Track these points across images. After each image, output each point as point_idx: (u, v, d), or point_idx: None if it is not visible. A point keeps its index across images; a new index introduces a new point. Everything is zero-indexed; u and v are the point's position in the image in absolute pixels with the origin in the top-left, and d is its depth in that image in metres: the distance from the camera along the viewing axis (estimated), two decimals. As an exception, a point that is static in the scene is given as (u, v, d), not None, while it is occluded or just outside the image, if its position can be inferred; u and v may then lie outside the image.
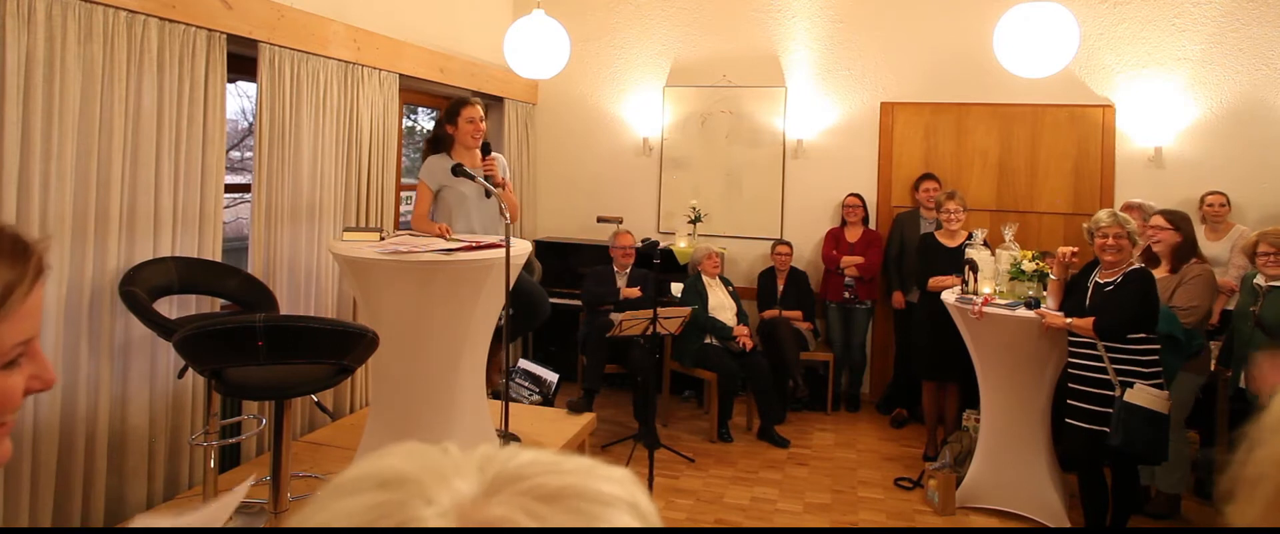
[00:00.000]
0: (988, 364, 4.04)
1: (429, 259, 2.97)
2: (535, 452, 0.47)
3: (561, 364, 5.57)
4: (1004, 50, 3.85)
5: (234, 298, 3.42)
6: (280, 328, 2.47)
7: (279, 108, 3.79)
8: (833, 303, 5.64)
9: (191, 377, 3.32)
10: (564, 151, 6.51)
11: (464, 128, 3.71)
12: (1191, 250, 3.93)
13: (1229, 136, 5.28)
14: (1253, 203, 5.16)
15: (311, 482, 3.53)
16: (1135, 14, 5.42)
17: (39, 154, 2.76)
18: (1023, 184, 5.69)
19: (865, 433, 5.30)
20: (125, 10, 3.00)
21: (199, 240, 3.41)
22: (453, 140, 3.76)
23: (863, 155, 5.95)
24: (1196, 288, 3.81)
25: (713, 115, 6.19)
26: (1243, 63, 5.26)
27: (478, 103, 3.78)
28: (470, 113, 3.71)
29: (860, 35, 5.90)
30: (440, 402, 3.19)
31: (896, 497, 4.30)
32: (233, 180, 4.18)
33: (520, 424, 4.23)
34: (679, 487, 4.31)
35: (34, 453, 2.79)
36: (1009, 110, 5.68)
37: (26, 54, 2.70)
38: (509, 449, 0.47)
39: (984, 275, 4.09)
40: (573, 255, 6.11)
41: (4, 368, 0.71)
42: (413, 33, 4.84)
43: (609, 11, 6.33)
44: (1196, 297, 3.80)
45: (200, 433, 3.25)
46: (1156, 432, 3.25)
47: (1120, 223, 3.41)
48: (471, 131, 3.69)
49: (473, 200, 3.72)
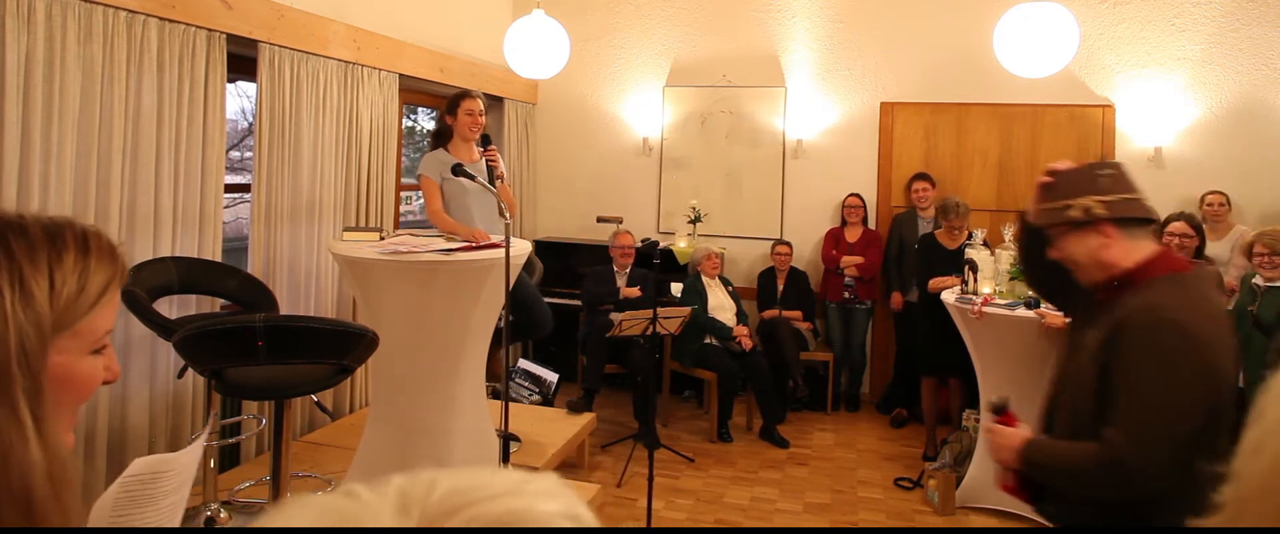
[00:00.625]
0: (987, 364, 4.04)
1: (429, 259, 2.97)
2: (451, 476, 0.44)
3: (561, 364, 5.57)
4: (1004, 50, 3.85)
5: (234, 298, 3.42)
6: (280, 328, 2.47)
7: (279, 108, 3.79)
8: (833, 303, 5.64)
9: (191, 377, 3.32)
10: (564, 151, 6.51)
11: (463, 120, 3.72)
12: (1200, 251, 3.99)
13: (1229, 136, 5.28)
14: (1253, 203, 5.16)
15: (311, 482, 3.53)
16: (1135, 14, 5.42)
17: (39, 154, 2.76)
18: (1023, 184, 5.68)
19: (865, 433, 5.30)
20: (125, 10, 3.00)
21: (199, 240, 3.41)
22: (452, 133, 3.78)
23: (863, 155, 5.95)
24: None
25: (713, 115, 6.19)
26: (1243, 63, 5.26)
27: (478, 96, 3.78)
28: (469, 105, 3.72)
29: (860, 35, 5.90)
30: (440, 402, 3.19)
31: (896, 497, 4.30)
32: (233, 180, 4.18)
33: (520, 424, 4.24)
34: (679, 487, 4.31)
35: (34, 453, 2.78)
36: (1009, 110, 5.68)
37: (26, 54, 2.70)
38: (423, 478, 0.44)
39: (984, 275, 4.09)
40: (573, 255, 6.11)
41: (92, 353, 0.82)
42: (413, 33, 4.84)
43: (609, 11, 6.33)
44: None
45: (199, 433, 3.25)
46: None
47: None
48: (470, 124, 3.70)
49: (473, 196, 3.74)
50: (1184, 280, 1.63)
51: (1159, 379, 1.53)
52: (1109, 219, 1.66)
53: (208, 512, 3.08)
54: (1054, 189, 1.78)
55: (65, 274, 0.78)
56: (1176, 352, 1.53)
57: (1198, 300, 1.60)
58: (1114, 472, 1.54)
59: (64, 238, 0.79)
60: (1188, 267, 1.69)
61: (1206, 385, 1.53)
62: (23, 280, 0.75)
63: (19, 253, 0.76)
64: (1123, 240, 1.66)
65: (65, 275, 0.78)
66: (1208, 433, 1.53)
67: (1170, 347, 1.53)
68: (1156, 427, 1.52)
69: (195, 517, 3.09)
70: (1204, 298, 1.63)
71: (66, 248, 0.79)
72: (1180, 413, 1.52)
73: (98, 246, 0.81)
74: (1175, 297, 1.59)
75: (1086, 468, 1.58)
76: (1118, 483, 1.56)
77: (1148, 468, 1.52)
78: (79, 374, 0.81)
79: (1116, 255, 1.67)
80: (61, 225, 0.80)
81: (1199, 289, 1.64)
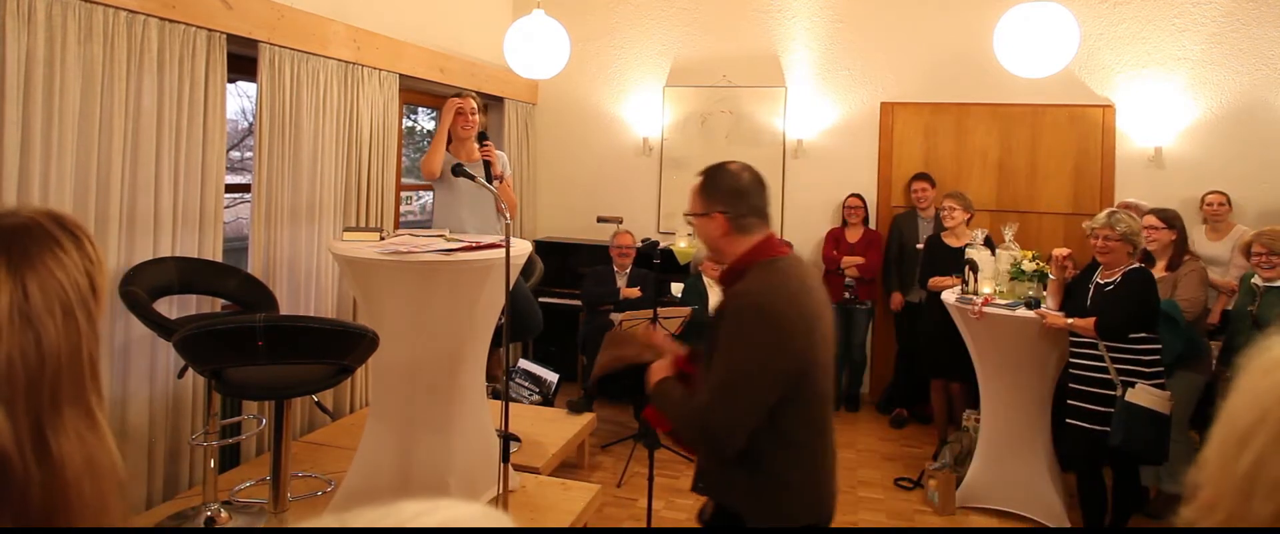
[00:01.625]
0: (988, 364, 4.04)
1: (429, 259, 2.97)
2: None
3: (561, 364, 5.56)
4: (1004, 50, 3.85)
5: (234, 298, 3.42)
6: (280, 328, 2.47)
7: (279, 108, 3.79)
8: (833, 303, 5.62)
9: (191, 377, 3.32)
10: (564, 151, 6.51)
11: (455, 119, 3.81)
12: (1185, 247, 4.00)
13: (1229, 136, 5.28)
14: (1253, 203, 5.16)
15: (311, 481, 3.53)
16: (1135, 14, 5.42)
17: (39, 154, 2.76)
18: (1023, 184, 5.69)
19: (865, 433, 5.30)
20: (125, 10, 3.00)
21: (199, 240, 3.41)
22: (452, 134, 3.87)
23: (863, 155, 5.95)
24: (1193, 282, 3.90)
25: (713, 115, 6.19)
26: (1243, 63, 5.26)
27: (469, 95, 3.85)
28: (460, 104, 3.82)
29: (860, 35, 5.90)
30: (440, 402, 3.19)
31: (896, 497, 4.30)
32: (233, 180, 4.18)
33: (520, 424, 4.24)
34: (679, 487, 4.31)
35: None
36: (1009, 110, 5.68)
37: (26, 54, 2.70)
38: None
39: (984, 275, 4.09)
40: (573, 255, 6.10)
41: None
42: (413, 33, 4.84)
43: (609, 11, 6.33)
44: (1193, 290, 3.87)
45: (200, 433, 3.25)
46: (1157, 432, 3.25)
47: (1112, 224, 3.41)
48: (462, 123, 3.79)
49: (467, 195, 3.78)
50: (772, 265, 1.84)
51: (735, 351, 1.74)
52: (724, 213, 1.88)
53: (208, 512, 3.08)
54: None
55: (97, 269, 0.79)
56: (752, 327, 1.73)
57: (779, 283, 1.80)
58: (697, 424, 1.77)
59: (80, 235, 0.80)
60: (782, 252, 1.90)
61: (777, 356, 1.73)
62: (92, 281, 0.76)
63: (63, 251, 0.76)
64: (736, 235, 1.89)
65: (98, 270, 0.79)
66: (793, 400, 1.77)
67: (747, 323, 1.75)
68: (730, 392, 1.73)
69: (195, 516, 3.09)
70: (788, 280, 1.82)
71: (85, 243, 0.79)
72: (751, 381, 1.73)
73: (85, 235, 0.82)
74: (759, 280, 1.80)
75: (684, 415, 1.81)
76: (702, 435, 1.78)
77: (723, 426, 1.74)
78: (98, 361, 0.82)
79: (731, 247, 1.90)
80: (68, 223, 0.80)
81: (785, 272, 1.83)
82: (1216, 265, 4.72)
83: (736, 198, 1.88)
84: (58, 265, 0.74)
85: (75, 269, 0.75)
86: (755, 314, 1.74)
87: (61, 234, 0.77)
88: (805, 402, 1.80)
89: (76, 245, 0.78)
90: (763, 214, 1.92)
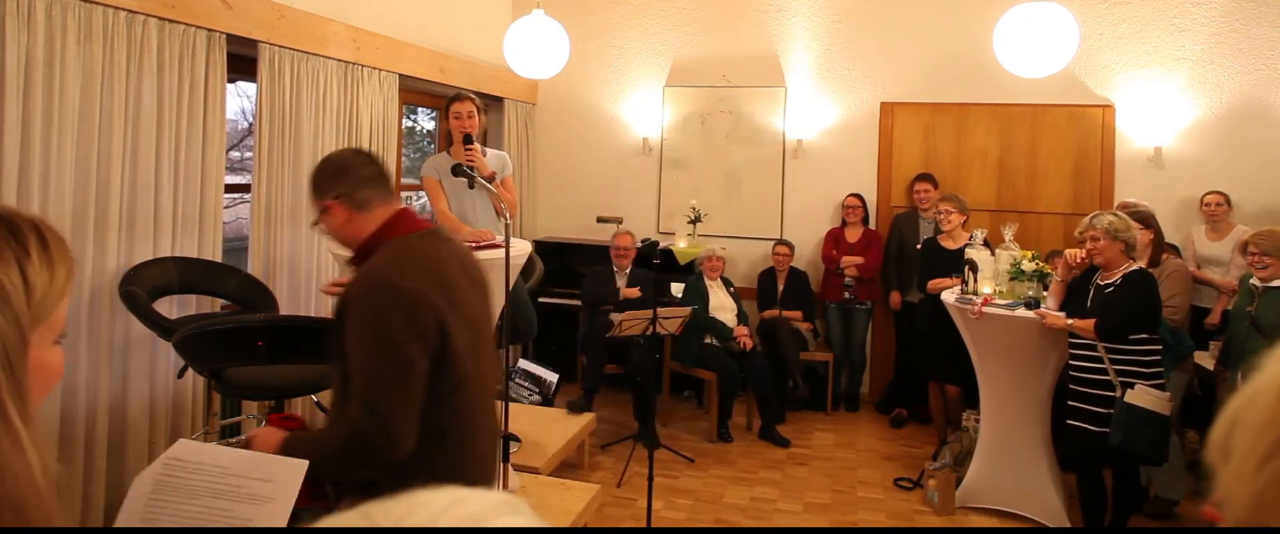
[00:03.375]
0: (988, 364, 4.04)
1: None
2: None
3: (561, 364, 5.56)
4: (1004, 50, 3.85)
5: (234, 298, 3.43)
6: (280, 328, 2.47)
7: (279, 108, 3.79)
8: (833, 303, 5.64)
9: (191, 376, 3.32)
10: (564, 151, 6.51)
11: (450, 123, 3.81)
12: (1163, 245, 4.05)
13: (1229, 136, 5.28)
14: (1253, 203, 5.16)
15: (311, 482, 3.53)
16: (1135, 14, 5.42)
17: (39, 154, 2.76)
18: (1022, 184, 5.69)
19: (865, 433, 5.30)
20: (125, 10, 3.00)
21: (199, 240, 3.41)
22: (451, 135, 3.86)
23: (862, 155, 5.95)
24: (1176, 282, 3.92)
25: (713, 115, 6.19)
26: (1243, 63, 5.26)
27: (467, 98, 3.81)
28: (455, 108, 3.79)
29: (860, 35, 5.90)
30: (440, 402, 3.19)
31: (896, 497, 4.30)
32: (233, 180, 4.18)
33: (520, 424, 4.24)
34: (679, 487, 4.31)
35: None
36: (1009, 110, 5.68)
37: (26, 54, 2.70)
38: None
39: (984, 275, 4.09)
40: (572, 255, 6.10)
41: (55, 343, 0.82)
42: (413, 33, 4.84)
43: (609, 11, 6.33)
44: (1177, 289, 3.90)
45: (200, 433, 3.25)
46: (1157, 432, 3.25)
47: (1093, 224, 3.44)
48: (455, 126, 3.79)
49: (469, 197, 3.78)
50: (403, 242, 1.69)
51: (365, 343, 1.55)
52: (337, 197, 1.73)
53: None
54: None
55: (35, 268, 0.76)
56: (377, 306, 1.56)
57: (407, 260, 1.63)
58: (361, 445, 1.55)
59: (23, 231, 0.77)
60: (417, 227, 1.76)
61: (410, 331, 1.55)
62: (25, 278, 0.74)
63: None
64: (358, 214, 1.73)
65: (36, 269, 0.76)
66: (443, 391, 1.59)
67: (372, 303, 1.56)
68: (376, 388, 1.54)
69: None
70: (417, 256, 1.66)
71: (29, 241, 0.77)
72: (397, 365, 1.54)
73: (53, 236, 0.80)
74: (385, 258, 1.64)
75: (341, 450, 1.58)
76: (369, 456, 1.56)
77: (385, 428, 1.53)
78: (50, 366, 0.80)
79: (358, 230, 1.74)
80: (13, 217, 0.78)
81: (415, 248, 1.68)
82: (1217, 265, 4.72)
83: (342, 175, 1.75)
84: None
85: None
86: (378, 292, 1.58)
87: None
88: (448, 385, 1.62)
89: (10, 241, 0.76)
90: (380, 185, 1.76)
